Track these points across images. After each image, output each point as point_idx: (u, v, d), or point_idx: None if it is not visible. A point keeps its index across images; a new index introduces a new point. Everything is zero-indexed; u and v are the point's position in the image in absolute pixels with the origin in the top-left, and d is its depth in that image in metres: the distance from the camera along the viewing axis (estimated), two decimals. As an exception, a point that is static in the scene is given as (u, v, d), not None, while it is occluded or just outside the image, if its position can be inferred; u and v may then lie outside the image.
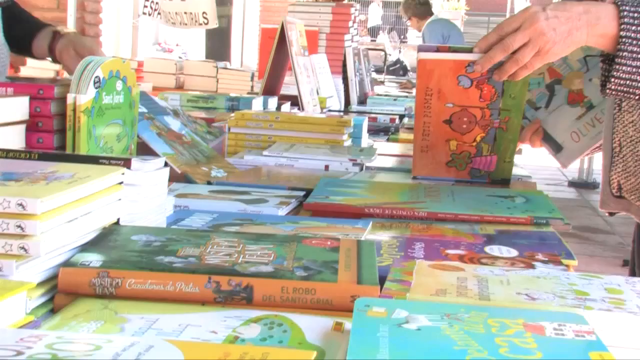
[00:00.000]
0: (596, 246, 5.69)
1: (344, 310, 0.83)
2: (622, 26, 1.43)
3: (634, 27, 1.42)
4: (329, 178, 1.63)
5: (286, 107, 2.78)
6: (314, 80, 2.94)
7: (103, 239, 0.97)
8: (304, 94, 2.73)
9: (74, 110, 1.27)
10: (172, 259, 0.90)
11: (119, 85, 1.38)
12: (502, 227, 1.29)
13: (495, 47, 1.52)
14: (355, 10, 4.16)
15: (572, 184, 8.42)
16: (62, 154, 1.20)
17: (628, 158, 1.67)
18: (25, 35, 1.91)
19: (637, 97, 1.46)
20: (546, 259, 1.10)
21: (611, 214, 1.81)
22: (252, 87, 3.74)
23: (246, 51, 10.86)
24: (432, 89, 1.65)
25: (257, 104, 2.61)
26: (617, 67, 1.44)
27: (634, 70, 1.43)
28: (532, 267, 1.06)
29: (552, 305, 0.83)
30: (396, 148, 2.40)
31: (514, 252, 1.12)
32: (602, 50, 1.51)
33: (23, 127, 1.27)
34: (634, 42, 1.42)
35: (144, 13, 5.64)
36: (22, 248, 0.82)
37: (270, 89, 2.90)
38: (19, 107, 1.25)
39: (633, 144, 1.65)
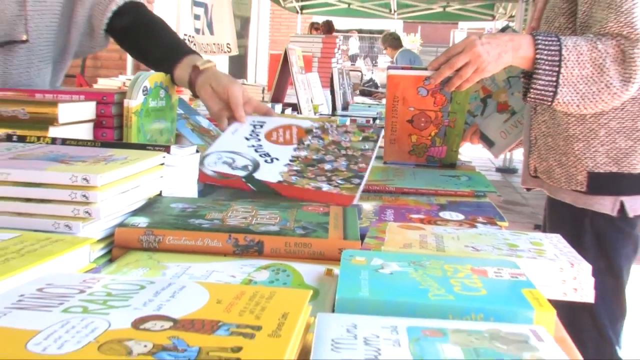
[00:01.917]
0: (515, 215, 5.72)
1: (333, 259, 0.80)
2: (537, 51, 1.45)
3: (545, 52, 1.44)
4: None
5: (288, 111, 2.78)
6: (309, 92, 2.93)
7: (148, 206, 0.94)
8: (302, 101, 2.72)
9: (128, 111, 1.25)
10: (201, 221, 0.88)
11: (161, 93, 1.37)
12: (451, 198, 1.27)
13: (444, 66, 1.53)
14: (339, 41, 4.15)
15: (498, 169, 8.43)
16: (118, 142, 1.18)
17: (541, 148, 1.69)
18: (166, 60, 1.48)
19: (549, 103, 1.47)
20: (485, 221, 1.07)
21: (528, 189, 1.84)
22: (263, 97, 3.70)
23: (258, 71, 10.88)
24: (398, 97, 1.64)
25: (267, 108, 2.60)
26: (535, 81, 1.46)
27: (546, 83, 1.45)
28: (475, 227, 1.03)
29: (492, 255, 0.80)
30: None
31: (461, 217, 1.10)
32: (522, 69, 1.53)
33: (91, 124, 1.25)
34: (546, 62, 1.44)
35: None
36: (87, 212, 0.81)
37: (277, 98, 2.91)
38: (88, 109, 1.24)
39: (544, 137, 1.68)
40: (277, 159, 1.22)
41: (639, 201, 1.55)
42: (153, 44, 1.56)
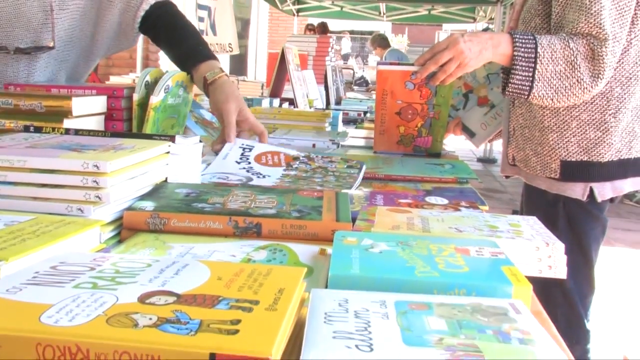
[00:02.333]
0: (494, 201, 5.71)
1: (327, 240, 0.80)
2: (515, 48, 1.45)
3: (522, 49, 1.44)
4: (316, 151, 1.60)
5: (285, 105, 2.77)
6: (305, 88, 2.91)
7: (155, 191, 0.93)
8: (298, 96, 2.70)
9: (148, 106, 1.25)
10: (204, 205, 0.87)
11: (180, 91, 1.36)
12: (436, 184, 1.27)
13: (429, 62, 1.53)
14: (333, 40, 4.13)
15: (479, 159, 8.43)
16: (126, 133, 1.18)
17: (519, 138, 1.69)
18: (185, 61, 1.45)
19: (526, 96, 1.47)
20: (467, 205, 1.07)
21: (507, 177, 1.83)
22: (262, 92, 3.68)
23: (258, 69, 10.84)
24: (387, 90, 1.63)
25: (266, 103, 2.60)
26: (512, 76, 1.46)
27: (523, 77, 1.45)
28: (459, 210, 1.02)
29: (474, 235, 0.79)
30: (362, 133, 2.38)
31: (445, 201, 1.09)
32: (502, 66, 1.53)
33: (102, 117, 1.25)
34: (523, 59, 1.44)
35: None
36: (97, 197, 0.80)
37: (275, 93, 2.90)
38: (99, 103, 1.24)
39: (522, 129, 1.67)
40: (268, 176, 1.20)
41: (606, 187, 1.55)
42: (176, 46, 1.51)
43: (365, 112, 3.05)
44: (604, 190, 1.55)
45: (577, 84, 1.42)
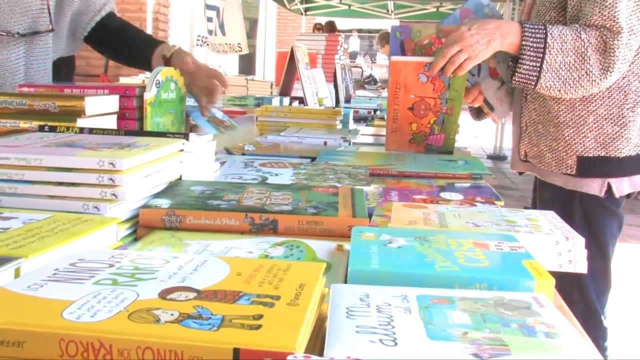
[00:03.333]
0: (505, 198, 5.61)
1: (343, 236, 0.80)
2: (524, 38, 1.45)
3: (531, 39, 1.44)
4: (328, 150, 1.60)
5: (295, 103, 2.76)
6: (314, 86, 2.91)
7: (170, 189, 0.93)
8: (308, 95, 2.70)
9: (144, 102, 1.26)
10: (219, 202, 0.86)
11: (172, 86, 1.36)
12: (450, 180, 1.26)
13: (438, 55, 1.53)
14: (342, 39, 4.13)
15: (489, 156, 8.40)
16: (140, 131, 1.18)
17: (532, 134, 1.67)
18: (143, 51, 1.57)
19: (533, 86, 1.47)
20: (483, 200, 1.06)
21: (520, 173, 1.81)
22: (271, 92, 3.68)
23: (266, 68, 10.85)
24: (400, 84, 1.62)
25: (276, 101, 2.60)
26: (520, 66, 1.47)
27: (531, 67, 1.45)
28: (475, 205, 1.02)
29: (491, 230, 0.79)
30: (372, 130, 2.38)
31: (460, 197, 1.08)
32: (510, 54, 1.52)
33: (115, 116, 1.24)
34: (532, 49, 1.44)
35: (197, 44, 5.55)
36: (113, 194, 0.80)
37: (284, 92, 2.90)
38: (112, 102, 1.23)
39: (535, 124, 1.65)
40: (281, 174, 1.19)
41: (624, 182, 1.54)
42: (129, 42, 1.65)
43: (375, 110, 3.05)
44: (622, 186, 1.54)
45: (586, 76, 1.41)
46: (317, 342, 0.49)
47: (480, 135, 9.20)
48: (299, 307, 0.47)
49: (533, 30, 1.44)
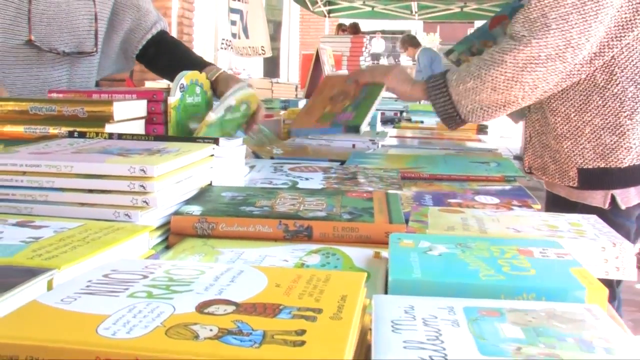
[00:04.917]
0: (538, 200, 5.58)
1: (380, 243, 0.77)
2: (427, 82, 1.54)
3: (432, 79, 1.53)
4: (357, 152, 1.58)
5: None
6: (340, 88, 2.89)
7: (201, 195, 0.91)
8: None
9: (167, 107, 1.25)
10: (252, 208, 0.85)
11: (197, 89, 1.35)
12: (483, 183, 1.23)
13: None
14: (366, 40, 4.10)
15: (515, 157, 8.30)
16: (169, 136, 1.17)
17: (536, 145, 1.61)
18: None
19: (459, 119, 1.47)
20: (520, 204, 1.03)
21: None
22: (296, 94, 3.67)
23: (290, 71, 10.88)
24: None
25: (302, 104, 2.58)
26: (434, 104, 1.50)
27: (444, 102, 1.47)
28: (512, 209, 0.99)
29: (533, 236, 0.76)
30: (401, 132, 2.34)
31: (496, 200, 1.05)
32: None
33: (143, 121, 1.23)
34: (434, 87, 1.49)
35: (222, 48, 5.57)
36: (145, 201, 0.78)
37: (310, 94, 2.87)
38: (140, 107, 1.22)
39: (538, 136, 1.60)
40: (312, 179, 1.17)
41: (630, 193, 1.46)
42: (175, 65, 1.60)
43: (401, 112, 3.01)
44: (628, 197, 1.46)
45: (493, 92, 1.39)
46: (361, 357, 0.47)
47: (505, 136, 9.10)
48: (342, 322, 0.45)
49: (434, 76, 1.50)
